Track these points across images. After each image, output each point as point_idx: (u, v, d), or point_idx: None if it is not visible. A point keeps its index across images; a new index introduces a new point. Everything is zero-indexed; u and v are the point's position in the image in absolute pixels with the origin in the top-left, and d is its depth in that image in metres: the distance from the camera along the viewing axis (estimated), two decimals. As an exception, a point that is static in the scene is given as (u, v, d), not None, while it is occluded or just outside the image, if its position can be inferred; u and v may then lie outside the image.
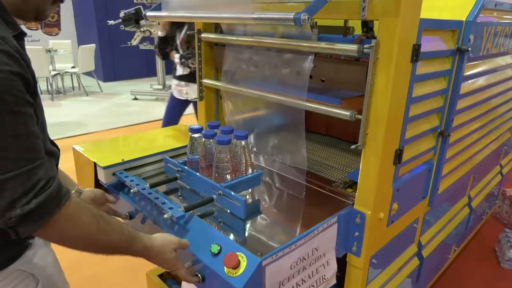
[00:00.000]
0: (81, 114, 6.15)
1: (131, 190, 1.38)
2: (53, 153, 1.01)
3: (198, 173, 1.41)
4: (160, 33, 3.33)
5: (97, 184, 1.55)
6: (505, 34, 1.89)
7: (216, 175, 1.38)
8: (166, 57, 3.41)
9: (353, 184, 1.52)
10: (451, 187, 1.81)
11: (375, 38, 1.15)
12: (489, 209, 2.77)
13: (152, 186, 1.40)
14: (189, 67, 3.24)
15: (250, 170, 1.41)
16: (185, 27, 3.22)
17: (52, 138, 1.10)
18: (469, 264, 2.52)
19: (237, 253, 1.03)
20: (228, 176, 1.38)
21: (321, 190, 1.49)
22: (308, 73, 1.37)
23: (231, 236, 1.16)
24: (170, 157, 1.67)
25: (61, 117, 5.92)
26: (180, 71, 3.33)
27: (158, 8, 1.54)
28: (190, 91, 3.37)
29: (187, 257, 1.15)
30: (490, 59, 1.84)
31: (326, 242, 1.23)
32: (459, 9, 1.52)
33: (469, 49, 1.46)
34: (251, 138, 1.74)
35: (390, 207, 1.38)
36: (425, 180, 1.60)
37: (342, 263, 1.39)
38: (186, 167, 1.45)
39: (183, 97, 3.45)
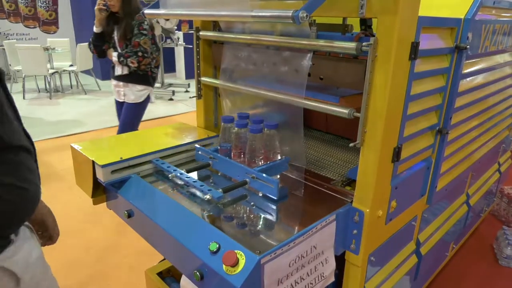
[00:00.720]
0: (80, 113, 6.14)
1: (169, 175, 1.51)
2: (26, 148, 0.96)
3: (230, 159, 1.52)
4: (95, 29, 3.07)
5: (96, 182, 1.55)
6: (503, 32, 1.89)
7: (248, 161, 1.53)
8: (102, 55, 3.16)
9: (351, 182, 1.52)
10: (450, 185, 1.81)
11: (373, 36, 1.15)
12: (487, 206, 2.78)
13: (189, 171, 1.50)
14: (129, 66, 3.03)
15: (278, 157, 1.55)
16: (123, 24, 2.98)
17: (50, 136, 1.08)
18: (467, 262, 2.53)
19: (236, 251, 1.03)
20: (260, 162, 1.52)
21: (320, 188, 1.49)
22: (306, 71, 1.37)
23: (233, 234, 1.16)
24: (168, 155, 1.67)
25: (59, 116, 5.91)
26: (118, 70, 3.10)
27: (156, 6, 1.54)
28: (128, 93, 3.15)
29: (186, 255, 1.15)
30: (488, 57, 1.84)
31: (325, 240, 1.23)
32: (458, 7, 1.52)
33: (468, 47, 1.46)
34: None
35: (389, 205, 1.38)
36: (423, 178, 1.60)
37: (340, 260, 1.39)
38: (219, 154, 1.56)
39: (121, 98, 3.21)
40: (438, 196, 1.74)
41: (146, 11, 1.56)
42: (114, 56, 3.05)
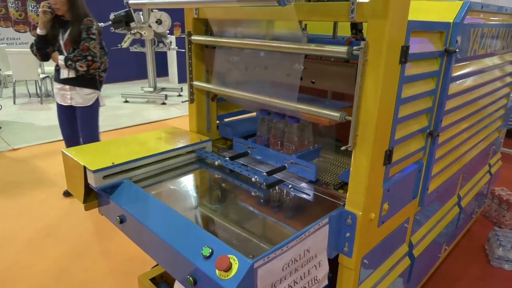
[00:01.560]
0: (71, 117, 6.09)
1: (216, 163, 1.69)
2: None
3: (268, 148, 1.72)
4: (39, 31, 2.96)
5: (88, 187, 1.53)
6: (492, 36, 1.92)
7: (286, 148, 1.71)
8: (45, 58, 3.07)
9: (344, 185, 1.53)
10: (441, 187, 1.83)
11: (364, 39, 1.16)
12: (478, 208, 2.80)
13: (232, 159, 1.69)
14: (77, 70, 2.97)
15: (311, 146, 1.74)
16: (70, 28, 2.93)
17: (41, 141, 1.08)
18: (460, 263, 2.55)
19: (229, 255, 1.02)
20: (296, 149, 1.69)
21: (313, 191, 1.50)
22: (299, 75, 1.38)
23: (226, 239, 1.15)
24: (161, 160, 1.67)
25: (50, 121, 5.85)
26: (65, 74, 3.01)
27: None
28: (75, 96, 3.07)
29: (179, 261, 1.14)
30: (477, 60, 1.87)
31: (318, 243, 1.23)
32: (447, 11, 1.54)
33: (457, 50, 1.48)
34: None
35: (381, 208, 1.39)
36: (415, 180, 1.61)
37: (334, 264, 1.39)
38: (257, 144, 1.77)
39: (66, 102, 3.12)
40: (430, 198, 1.75)
41: (131, 1, 1.53)
42: (60, 59, 2.97)
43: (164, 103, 7.07)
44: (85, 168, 1.49)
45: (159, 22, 6.41)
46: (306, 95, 1.57)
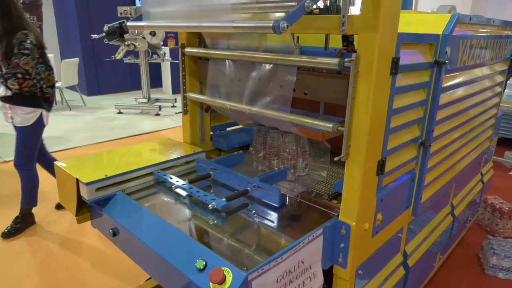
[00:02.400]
0: (64, 129, 6.05)
1: (172, 187, 1.54)
2: None
3: (231, 169, 1.60)
4: None
5: (80, 200, 1.52)
6: (480, 47, 1.96)
7: (282, 158, 1.70)
8: None
9: (338, 195, 1.53)
10: (434, 196, 1.84)
11: (355, 51, 1.18)
12: (472, 216, 2.82)
13: (191, 182, 1.56)
14: (9, 89, 2.67)
15: (307, 155, 1.74)
16: (4, 43, 2.65)
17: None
18: (454, 272, 2.55)
19: (223, 268, 1.02)
20: (291, 160, 1.70)
21: (306, 201, 1.50)
22: (291, 87, 1.39)
23: (220, 250, 1.15)
24: (155, 171, 1.66)
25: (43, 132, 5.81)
26: (2, 92, 2.72)
27: (139, 19, 1.54)
28: (15, 115, 2.80)
29: (173, 274, 1.13)
30: (467, 71, 1.90)
31: (312, 254, 1.23)
32: (436, 23, 1.57)
33: (446, 61, 1.51)
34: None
35: (375, 218, 1.40)
36: (408, 190, 1.62)
37: (328, 275, 1.39)
38: (220, 165, 1.63)
39: (8, 121, 2.88)
40: (423, 207, 1.76)
41: (129, 23, 1.55)
42: None
43: (158, 114, 7.06)
44: (77, 180, 1.48)
45: (153, 33, 6.44)
46: (298, 110, 1.56)
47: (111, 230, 1.41)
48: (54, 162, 1.62)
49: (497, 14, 9.71)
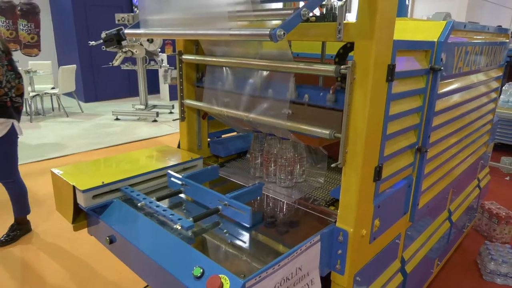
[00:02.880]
0: (61, 136, 6.04)
1: (139, 204, 1.42)
2: None
3: (202, 186, 1.48)
4: None
5: (77, 207, 1.51)
6: (475, 53, 1.97)
7: (280, 164, 1.68)
8: None
9: (335, 202, 1.53)
10: (431, 202, 1.84)
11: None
12: (469, 222, 2.82)
13: (159, 199, 1.45)
14: None
15: (304, 162, 1.73)
16: None
17: (30, 160, 1.07)
18: (452, 278, 2.54)
19: (220, 275, 1.01)
20: (288, 167, 1.68)
21: (304, 208, 1.50)
22: (289, 92, 1.40)
23: (216, 257, 1.14)
24: (152, 178, 1.66)
25: (40, 139, 5.79)
26: None
27: (137, 26, 1.54)
28: None
29: (170, 281, 1.12)
30: (462, 77, 1.91)
31: (310, 261, 1.23)
32: (431, 30, 1.59)
33: (442, 68, 1.52)
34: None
35: (372, 224, 1.40)
36: (405, 196, 1.62)
37: (326, 281, 1.38)
38: (190, 181, 1.50)
39: None
40: (421, 213, 1.76)
41: (127, 31, 1.56)
42: None
43: (155, 120, 7.06)
44: (74, 187, 1.48)
45: (150, 40, 6.46)
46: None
47: (108, 238, 1.41)
48: (51, 169, 1.61)
49: (491, 21, 9.81)
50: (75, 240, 2.98)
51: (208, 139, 2.05)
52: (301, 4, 1.11)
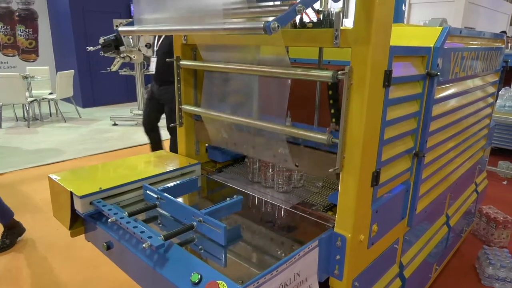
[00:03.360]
0: (59, 141, 6.02)
1: (109, 220, 1.35)
2: None
3: (177, 200, 1.41)
4: None
5: (74, 213, 1.51)
6: (471, 59, 1.99)
7: (276, 170, 1.66)
8: None
9: (333, 207, 1.53)
10: (429, 207, 1.85)
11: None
12: (467, 226, 2.82)
13: (131, 214, 1.38)
14: None
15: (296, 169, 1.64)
16: None
17: (28, 166, 1.06)
18: (451, 283, 2.54)
19: (218, 281, 1.01)
20: (286, 172, 1.66)
21: (302, 213, 1.50)
22: (286, 97, 1.40)
23: (212, 264, 1.14)
24: (150, 184, 1.65)
25: (37, 144, 5.78)
26: None
27: (131, 25, 1.54)
28: None
29: (167, 287, 1.12)
30: (459, 82, 1.92)
31: (308, 266, 1.23)
32: (427, 36, 1.60)
33: (438, 73, 1.53)
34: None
35: (370, 229, 1.40)
36: (403, 201, 1.63)
37: (324, 287, 1.38)
38: (165, 194, 1.44)
39: None
40: (418, 218, 1.76)
41: (121, 28, 1.55)
42: None
43: (153, 126, 7.05)
44: (71, 193, 1.47)
45: (148, 45, 6.47)
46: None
47: (105, 244, 1.40)
48: (48, 175, 1.61)
49: (487, 26, 9.89)
50: (72, 246, 2.96)
51: (206, 145, 2.05)
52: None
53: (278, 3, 1.60)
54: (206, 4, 1.25)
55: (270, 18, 1.27)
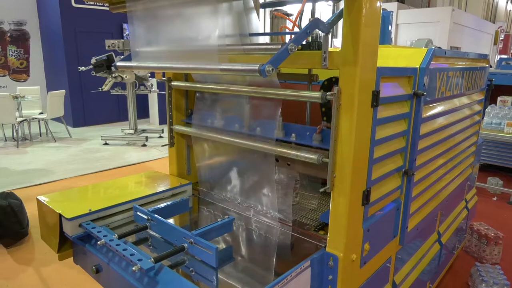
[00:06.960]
0: (48, 161, 5.95)
1: (98, 242, 1.33)
2: None
3: (168, 221, 1.39)
4: None
5: (62, 236, 1.48)
6: (457, 78, 2.04)
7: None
8: None
9: (325, 226, 1.53)
10: (420, 224, 1.85)
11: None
12: (459, 243, 2.83)
13: (121, 236, 1.36)
14: None
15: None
16: None
17: (16, 187, 1.05)
18: (445, 301, 2.52)
19: (209, 305, 1.00)
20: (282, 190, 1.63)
21: (293, 233, 1.49)
22: (277, 117, 1.42)
23: (203, 287, 1.12)
24: (141, 205, 1.64)
25: (26, 165, 5.70)
26: None
27: (128, 58, 1.57)
28: None
29: (157, 311, 1.10)
30: (445, 101, 1.96)
31: (300, 287, 1.21)
32: (413, 57, 1.64)
33: (425, 93, 1.56)
34: (223, 182, 1.75)
35: (362, 248, 1.39)
36: (394, 219, 1.63)
37: (317, 308, 1.36)
38: (156, 216, 1.43)
39: None
40: (410, 236, 1.76)
41: (119, 63, 1.58)
42: None
43: (144, 145, 7.02)
44: (60, 215, 1.45)
45: (140, 65, 6.50)
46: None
47: (94, 267, 1.37)
48: (37, 197, 1.59)
49: (472, 45, 10.17)
50: (60, 270, 2.89)
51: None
52: (287, 37, 1.15)
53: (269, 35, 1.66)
54: (201, 41, 1.29)
55: (264, 57, 1.31)
